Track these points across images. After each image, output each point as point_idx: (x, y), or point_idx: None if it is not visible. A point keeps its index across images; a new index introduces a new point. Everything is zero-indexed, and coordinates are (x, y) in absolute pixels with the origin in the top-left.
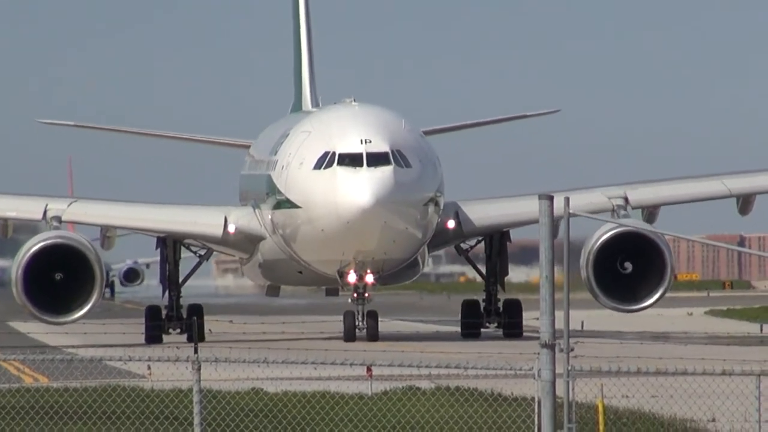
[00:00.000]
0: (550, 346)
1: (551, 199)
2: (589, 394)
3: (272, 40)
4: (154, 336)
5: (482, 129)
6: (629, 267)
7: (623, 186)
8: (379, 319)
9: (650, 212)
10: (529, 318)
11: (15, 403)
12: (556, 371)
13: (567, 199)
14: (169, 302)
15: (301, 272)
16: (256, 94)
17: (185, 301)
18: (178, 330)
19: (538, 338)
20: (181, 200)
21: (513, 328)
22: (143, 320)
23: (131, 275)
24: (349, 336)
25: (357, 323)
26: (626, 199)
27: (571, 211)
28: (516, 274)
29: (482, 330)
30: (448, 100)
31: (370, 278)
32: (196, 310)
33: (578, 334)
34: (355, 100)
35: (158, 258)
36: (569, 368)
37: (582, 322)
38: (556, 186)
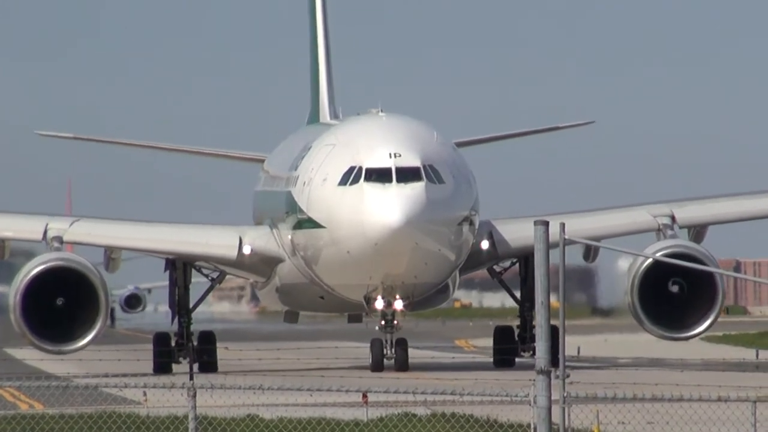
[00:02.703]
0: (546, 372)
1: (547, 224)
2: (585, 421)
3: (285, 47)
4: (162, 364)
5: (513, 142)
6: (676, 291)
7: (669, 203)
8: None
9: (698, 232)
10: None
11: (11, 431)
12: (552, 397)
13: (562, 225)
14: (179, 329)
15: (322, 297)
16: (268, 104)
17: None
18: (188, 359)
19: (579, 369)
20: (189, 219)
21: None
22: (151, 347)
23: (133, 301)
24: (377, 365)
25: (385, 352)
26: (673, 218)
27: (566, 237)
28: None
29: (517, 359)
30: (474, 112)
31: (399, 304)
32: (208, 338)
33: (574, 360)
34: (382, 111)
35: (161, 282)
36: (565, 394)
37: (578, 348)
38: (597, 203)
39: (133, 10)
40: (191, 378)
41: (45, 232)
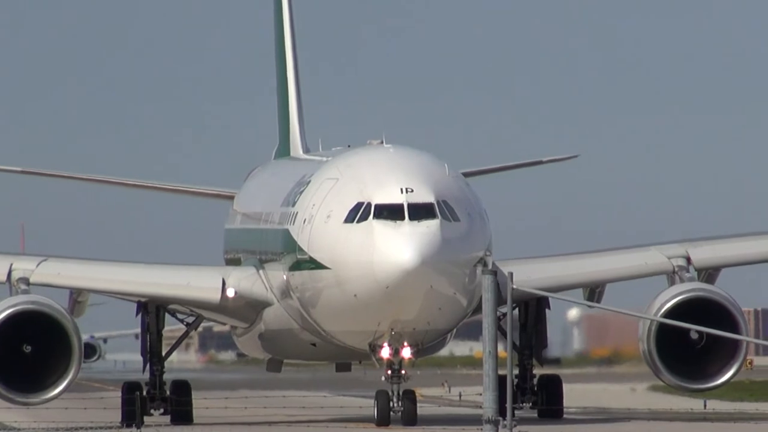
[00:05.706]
0: (494, 422)
1: (495, 274)
2: None
3: (250, 81)
4: (132, 415)
5: (509, 174)
6: (695, 338)
7: (684, 243)
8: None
9: (709, 274)
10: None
11: None
12: None
13: (510, 274)
14: (151, 378)
15: (314, 345)
16: (229, 137)
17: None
18: (161, 410)
19: (580, 421)
20: (148, 258)
21: (551, 408)
22: (108, 396)
23: (88, 351)
24: (383, 419)
25: (392, 405)
26: (688, 259)
27: (514, 286)
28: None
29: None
30: (452, 147)
31: (407, 352)
32: (182, 388)
33: (522, 410)
34: (384, 142)
35: (117, 331)
36: None
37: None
38: (605, 243)
39: (98, 40)
40: (138, 427)
41: (9, 273)
